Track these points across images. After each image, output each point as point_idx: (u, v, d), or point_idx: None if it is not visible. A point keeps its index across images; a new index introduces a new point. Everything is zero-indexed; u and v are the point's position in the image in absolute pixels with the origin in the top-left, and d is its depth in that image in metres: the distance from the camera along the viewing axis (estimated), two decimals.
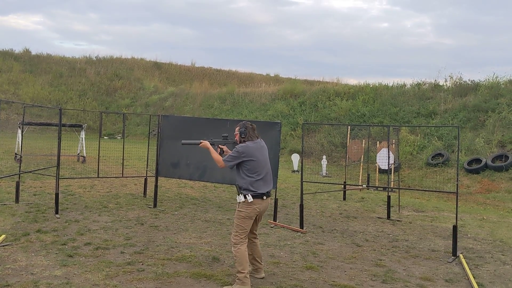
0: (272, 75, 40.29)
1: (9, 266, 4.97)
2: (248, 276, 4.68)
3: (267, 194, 4.91)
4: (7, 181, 10.34)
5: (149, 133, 10.80)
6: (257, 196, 4.82)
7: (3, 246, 5.67)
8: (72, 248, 5.76)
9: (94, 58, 37.88)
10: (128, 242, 6.21)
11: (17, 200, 8.34)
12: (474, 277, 5.52)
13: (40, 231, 6.46)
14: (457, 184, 6.94)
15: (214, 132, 8.81)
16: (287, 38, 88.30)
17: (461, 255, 6.49)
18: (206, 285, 4.81)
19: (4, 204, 8.07)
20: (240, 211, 4.84)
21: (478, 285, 5.26)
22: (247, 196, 4.80)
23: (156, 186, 8.94)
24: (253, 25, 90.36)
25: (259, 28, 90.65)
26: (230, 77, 39.46)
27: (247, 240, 4.90)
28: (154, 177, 9.12)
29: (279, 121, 10.37)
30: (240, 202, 4.86)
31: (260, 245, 6.45)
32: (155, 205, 8.80)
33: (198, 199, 9.98)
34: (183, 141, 5.45)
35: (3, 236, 6.01)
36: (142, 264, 5.33)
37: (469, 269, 5.88)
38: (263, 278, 5.10)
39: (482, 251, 6.90)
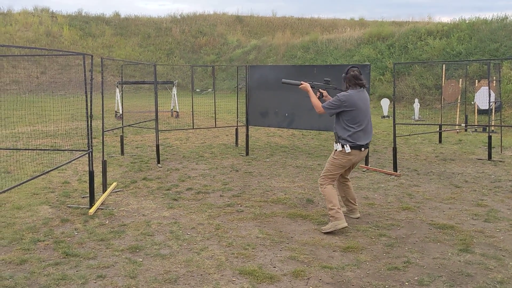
0: (356, 19, 38.56)
1: (123, 208, 5.48)
2: (340, 211, 4.68)
3: (366, 146, 4.80)
4: (111, 137, 11.21)
5: (237, 85, 11.01)
6: (355, 147, 4.71)
7: (115, 192, 6.24)
8: (175, 193, 6.19)
9: (179, 17, 38.77)
10: (226, 187, 6.54)
11: (122, 153, 9.05)
12: None
13: (146, 179, 6.99)
14: None
15: (302, 79, 8.79)
16: None
17: None
18: (303, 224, 4.96)
19: (111, 157, 8.80)
20: (335, 158, 4.80)
21: None
22: (345, 146, 4.70)
23: (247, 135, 9.19)
24: None
25: None
26: (312, 25, 38.46)
27: (335, 182, 4.92)
28: (244, 127, 9.37)
29: (368, 63, 10.03)
30: (336, 150, 4.80)
31: (353, 188, 6.47)
32: (247, 154, 9.08)
33: (288, 147, 10.12)
34: (283, 80, 5.39)
35: (115, 183, 6.60)
36: (240, 206, 5.60)
37: None
38: (358, 218, 5.13)
39: None
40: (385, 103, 16.11)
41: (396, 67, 19.00)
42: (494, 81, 11.76)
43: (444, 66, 12.77)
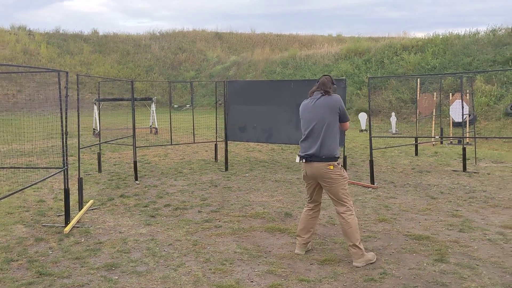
0: (334, 35, 39.31)
1: (99, 226, 5.41)
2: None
3: (307, 157, 4.27)
4: (89, 154, 11.08)
5: (216, 101, 11.04)
6: (301, 157, 4.35)
7: (92, 210, 6.15)
8: (153, 210, 6.13)
9: (158, 34, 38.90)
10: (204, 203, 6.51)
11: (99, 170, 8.94)
12: None
13: (123, 196, 6.92)
14: None
15: (279, 94, 8.89)
16: None
17: None
18: (281, 238, 4.96)
19: (88, 174, 8.69)
20: None
21: None
22: (297, 156, 4.44)
23: (226, 150, 9.19)
24: None
25: None
26: (291, 41, 38.99)
27: (309, 204, 4.53)
28: (223, 142, 9.38)
29: (344, 78, 10.19)
30: None
31: (331, 201, 6.52)
32: (226, 169, 9.07)
33: (267, 162, 10.15)
34: None
35: (91, 201, 6.51)
36: (219, 221, 5.58)
37: None
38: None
39: None
40: (363, 117, 16.34)
41: (373, 81, 19.33)
42: (467, 94, 12.05)
43: (418, 80, 13.05)
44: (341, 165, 4.33)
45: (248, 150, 11.94)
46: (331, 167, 4.21)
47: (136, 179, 8.08)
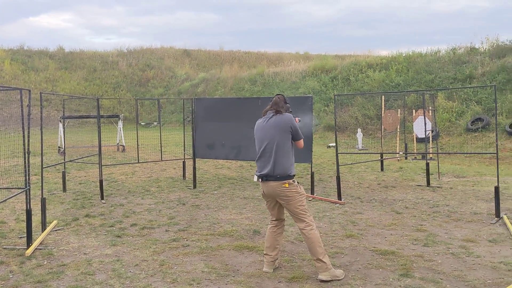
0: (301, 53, 39.92)
1: (63, 248, 5.26)
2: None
3: (263, 177, 4.32)
4: (53, 173, 10.81)
5: (183, 118, 11.01)
6: (258, 177, 4.40)
7: (56, 230, 5.99)
8: (119, 229, 6.02)
9: (125, 50, 38.60)
10: (172, 221, 6.44)
11: (64, 189, 8.73)
12: None
13: (88, 216, 6.77)
14: (496, 144, 6.81)
15: (247, 111, 8.94)
16: (314, 15, 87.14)
17: (504, 216, 6.38)
18: (249, 256, 4.95)
19: (53, 194, 8.47)
20: None
21: None
22: (255, 175, 4.47)
23: (194, 167, 9.15)
24: (278, 4, 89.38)
25: (284, 7, 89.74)
26: (259, 58, 39.38)
27: (273, 221, 4.56)
28: (192, 159, 9.33)
29: (310, 95, 10.34)
30: None
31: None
32: (194, 186, 9.01)
33: (236, 179, 10.14)
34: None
35: (55, 222, 6.34)
36: (186, 240, 5.52)
37: None
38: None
39: None
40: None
41: (339, 98, 19.69)
42: (430, 111, 12.42)
43: (383, 97, 13.38)
44: (297, 182, 4.37)
45: (217, 167, 11.91)
46: (286, 185, 4.25)
47: (102, 198, 7.92)
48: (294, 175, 4.35)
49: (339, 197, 7.72)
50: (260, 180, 4.35)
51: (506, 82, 16.24)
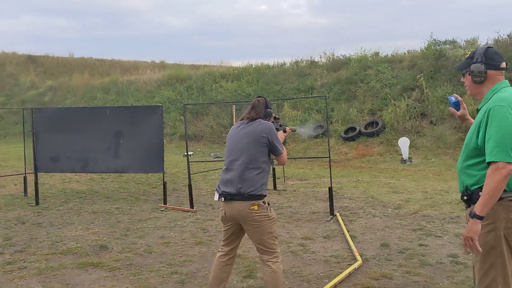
0: (157, 61, 39.45)
1: None
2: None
3: (226, 195, 3.47)
4: None
5: (23, 130, 10.12)
6: (220, 195, 3.54)
7: None
8: None
9: None
10: (8, 242, 5.88)
11: None
12: (348, 231, 6.13)
13: None
14: (328, 149, 7.60)
15: (93, 121, 8.59)
16: (169, 24, 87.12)
17: (337, 214, 7.14)
18: (93, 273, 4.77)
19: None
20: None
21: (351, 237, 5.86)
22: (215, 193, 3.64)
23: (36, 182, 8.47)
24: (133, 12, 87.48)
25: (138, 15, 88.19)
26: (113, 66, 37.88)
27: (224, 248, 3.75)
28: (33, 174, 8.63)
29: (160, 104, 10.33)
30: None
31: (150, 228, 6.52)
32: (37, 203, 8.35)
33: (85, 192, 9.65)
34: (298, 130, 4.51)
35: None
36: (23, 262, 5.10)
37: (344, 224, 6.50)
38: None
39: (356, 208, 7.64)
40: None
41: (194, 107, 19.96)
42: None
43: (234, 106, 13.94)
44: (268, 203, 3.59)
45: (64, 181, 11.18)
46: (255, 207, 3.45)
47: None
48: (264, 195, 3.55)
49: (191, 205, 7.84)
50: (222, 199, 3.50)
51: (341, 93, 18.13)
